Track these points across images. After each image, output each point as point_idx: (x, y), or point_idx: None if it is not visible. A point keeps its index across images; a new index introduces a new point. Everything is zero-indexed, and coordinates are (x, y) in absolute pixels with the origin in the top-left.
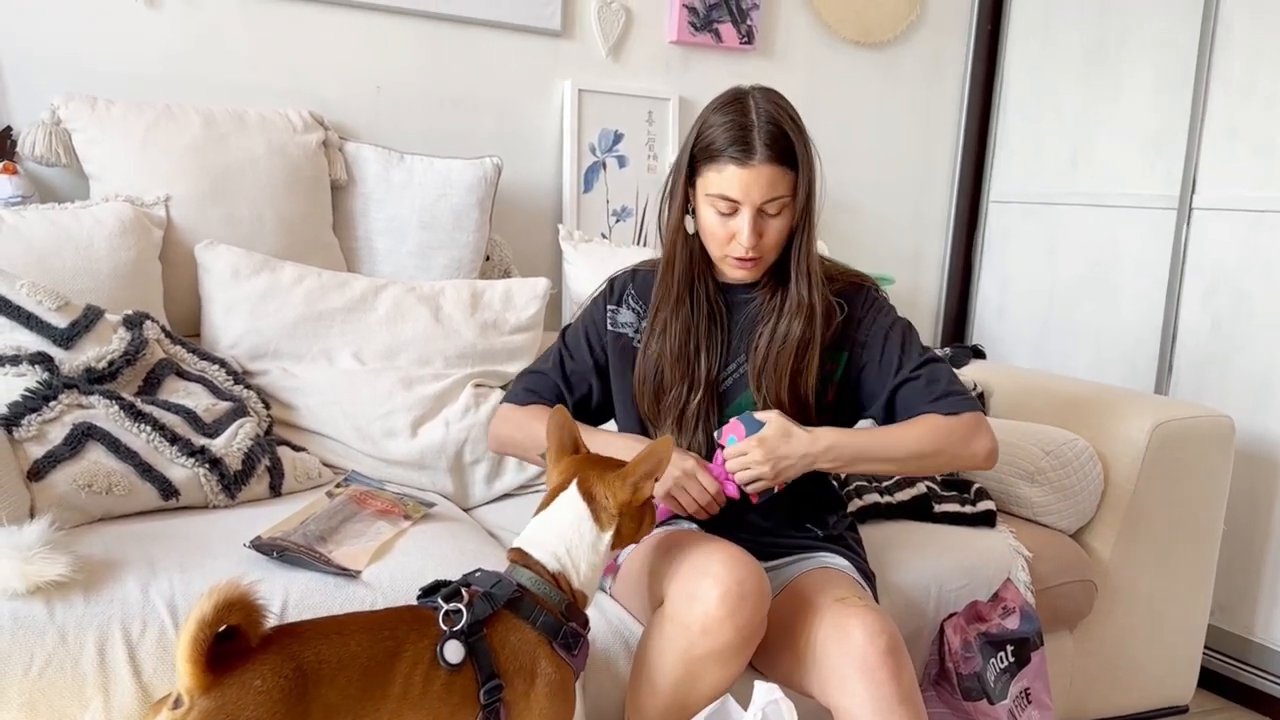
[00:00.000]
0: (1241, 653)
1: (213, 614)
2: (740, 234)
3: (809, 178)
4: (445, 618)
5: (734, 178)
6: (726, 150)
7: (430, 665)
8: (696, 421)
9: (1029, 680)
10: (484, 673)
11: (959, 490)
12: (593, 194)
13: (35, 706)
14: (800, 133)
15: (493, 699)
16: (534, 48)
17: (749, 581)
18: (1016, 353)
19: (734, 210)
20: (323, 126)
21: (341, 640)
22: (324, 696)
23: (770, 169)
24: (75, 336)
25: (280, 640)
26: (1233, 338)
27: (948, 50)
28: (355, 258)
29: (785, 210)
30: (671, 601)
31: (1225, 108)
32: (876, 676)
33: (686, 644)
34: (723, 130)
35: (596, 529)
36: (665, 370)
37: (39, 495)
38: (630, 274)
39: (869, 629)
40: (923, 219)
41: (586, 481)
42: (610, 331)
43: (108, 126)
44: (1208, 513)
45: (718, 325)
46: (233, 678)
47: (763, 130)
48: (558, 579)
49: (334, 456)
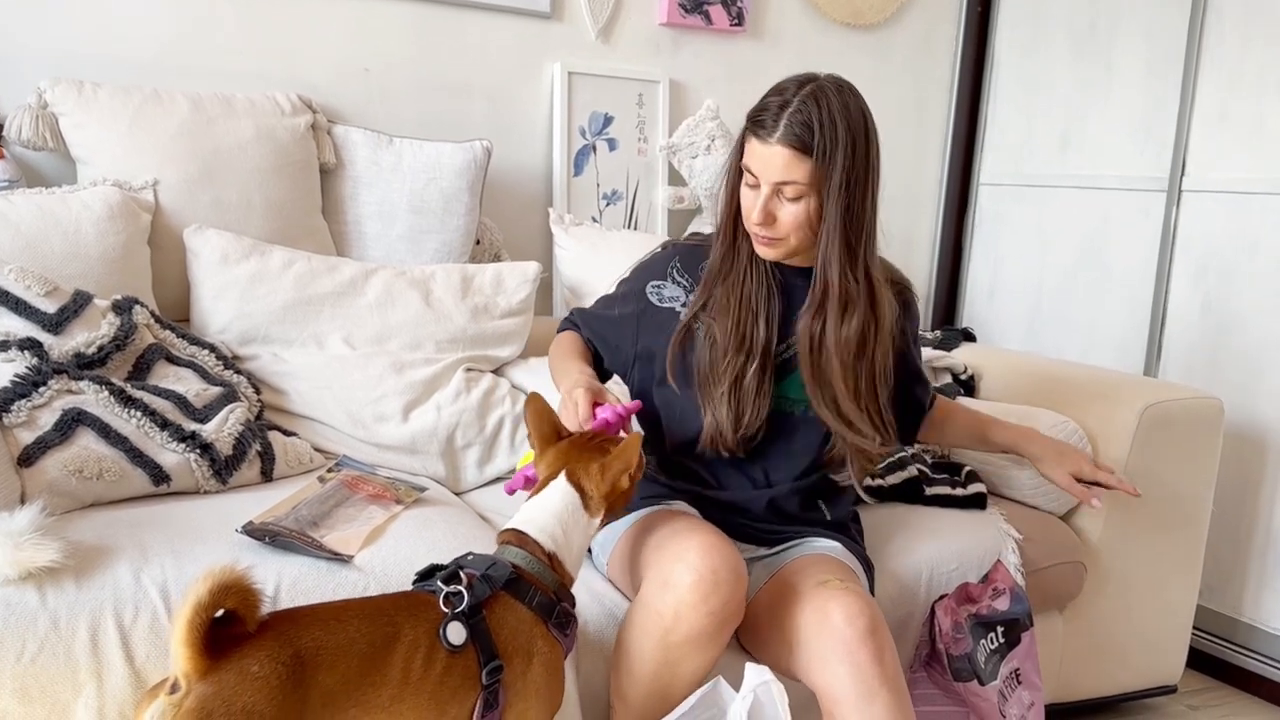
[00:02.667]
0: (1230, 633)
1: (208, 598)
2: (754, 208)
3: (842, 177)
4: (446, 600)
5: (755, 151)
6: (757, 124)
7: (431, 648)
8: (756, 390)
9: (1019, 661)
10: (485, 653)
11: (950, 473)
12: (583, 177)
13: (28, 693)
14: (837, 132)
15: (494, 679)
16: (523, 30)
17: (723, 569)
18: (1007, 335)
19: (757, 184)
20: (311, 110)
21: (340, 626)
22: (322, 682)
23: (786, 152)
24: (64, 322)
25: (278, 626)
26: (1222, 319)
27: (938, 33)
28: (345, 242)
29: (805, 198)
30: (647, 588)
31: (1215, 90)
32: (857, 658)
33: (662, 631)
34: (764, 105)
35: (587, 515)
36: (722, 338)
37: (29, 481)
38: (679, 250)
39: (848, 611)
40: (913, 201)
41: (575, 474)
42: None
43: (94, 111)
44: (1197, 494)
45: (774, 298)
46: (229, 663)
47: (792, 115)
48: (552, 560)
49: (325, 441)
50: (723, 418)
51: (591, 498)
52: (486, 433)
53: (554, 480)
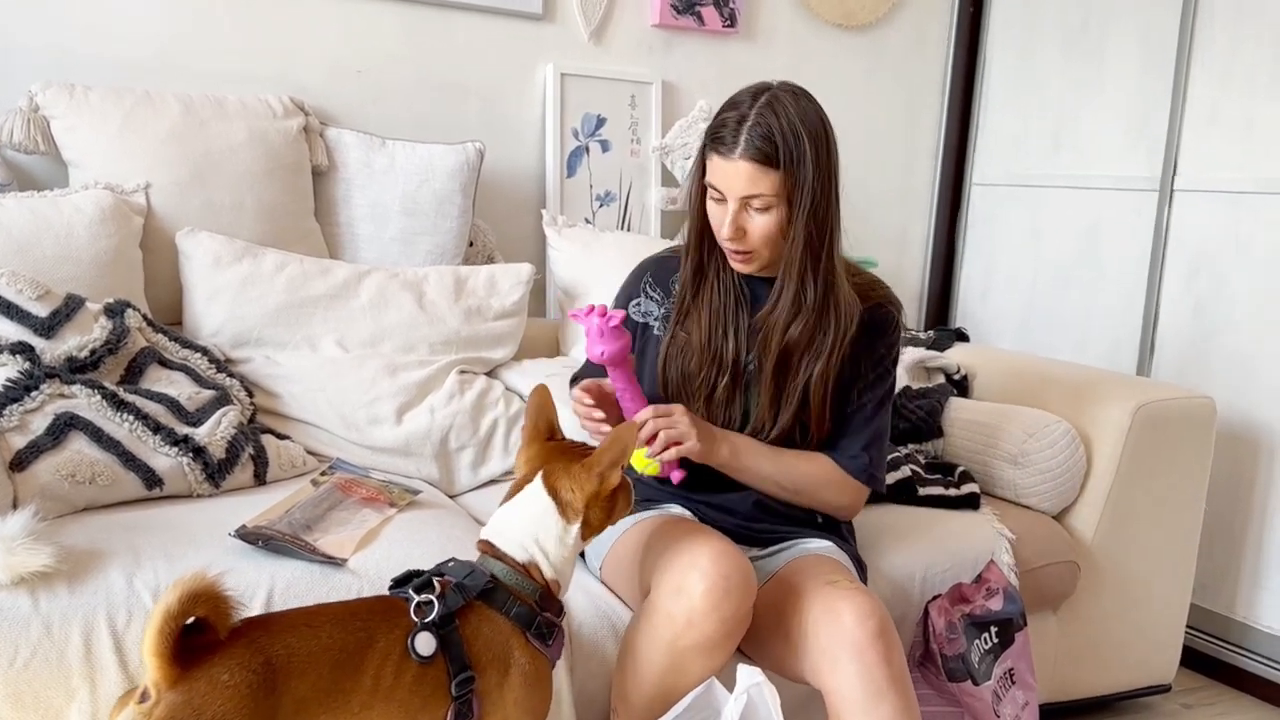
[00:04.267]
0: (1223, 631)
1: (178, 606)
2: (723, 224)
3: (807, 184)
4: (417, 609)
5: (718, 168)
6: (717, 140)
7: (401, 657)
8: (726, 404)
9: (1013, 661)
10: (455, 664)
11: (943, 473)
12: (576, 179)
13: (21, 698)
14: (799, 140)
15: (464, 690)
16: (515, 31)
17: (734, 576)
18: (999, 335)
19: (723, 199)
20: (303, 112)
21: (311, 632)
22: (294, 690)
23: (749, 166)
24: (56, 325)
25: (249, 633)
26: (1214, 319)
27: (930, 33)
28: (337, 244)
29: (773, 209)
30: (658, 593)
31: (1206, 90)
32: (867, 658)
33: (672, 636)
34: (722, 121)
35: (563, 522)
36: (694, 354)
37: (21, 486)
38: (649, 264)
39: (859, 611)
40: (906, 202)
41: (552, 476)
42: (636, 323)
43: (86, 113)
44: (1190, 493)
45: (744, 310)
46: (200, 671)
47: (752, 128)
48: (529, 569)
49: (318, 444)
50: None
51: (570, 504)
52: (480, 435)
53: (529, 484)
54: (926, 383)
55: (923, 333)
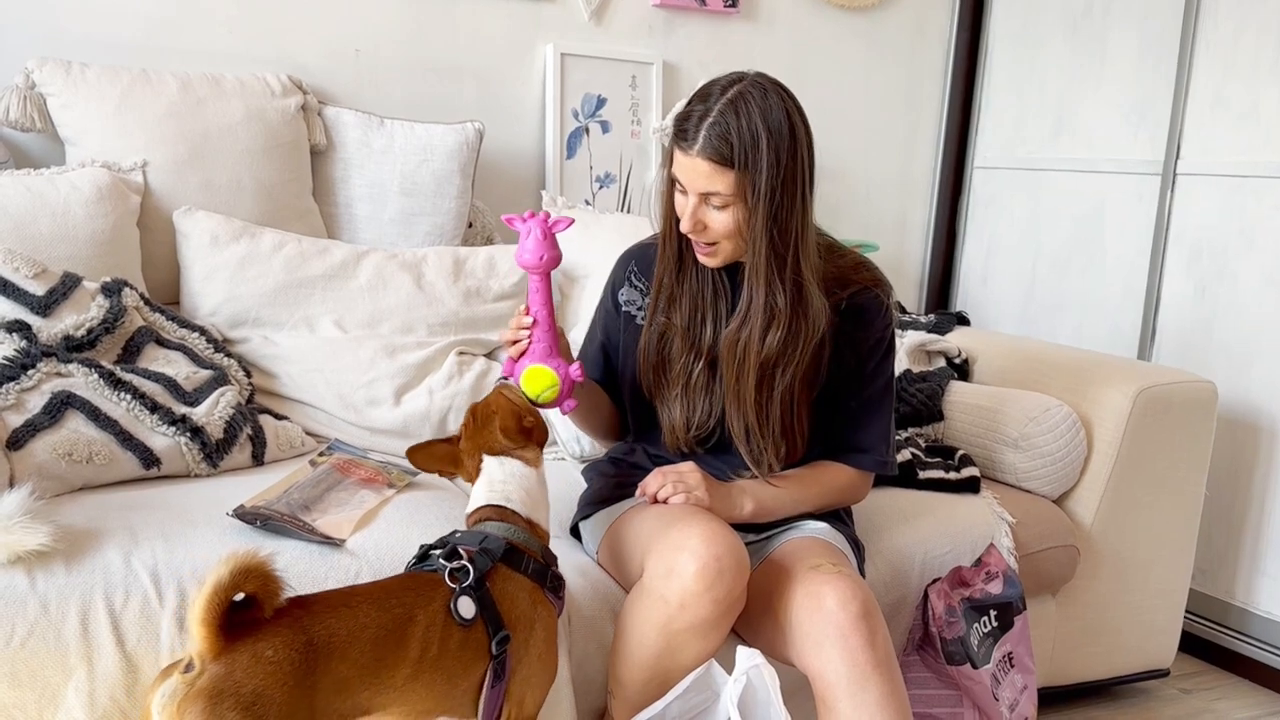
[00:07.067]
0: (1222, 616)
1: (229, 579)
2: (685, 217)
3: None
4: (452, 576)
5: (679, 162)
6: (680, 134)
7: (445, 625)
8: (705, 389)
9: (1012, 645)
10: (493, 624)
11: (943, 456)
12: (576, 160)
13: (18, 677)
14: (756, 142)
15: (502, 649)
16: (515, 10)
17: (726, 557)
18: (1000, 319)
19: (685, 192)
20: (301, 91)
21: (350, 613)
22: (334, 670)
23: (706, 164)
24: (53, 304)
25: (292, 613)
26: (1215, 303)
27: (932, 15)
28: (335, 224)
29: (731, 208)
30: (650, 575)
31: (1209, 74)
32: (850, 642)
33: (665, 618)
34: (687, 113)
35: (531, 470)
36: (674, 341)
37: (18, 464)
38: (634, 252)
39: (841, 595)
40: (907, 185)
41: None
42: (621, 310)
43: (83, 91)
44: (1190, 478)
45: (723, 298)
46: (244, 645)
47: (711, 125)
48: (532, 525)
49: (317, 425)
50: (676, 419)
51: (521, 455)
52: None
53: (482, 465)
54: (927, 366)
55: (923, 316)
